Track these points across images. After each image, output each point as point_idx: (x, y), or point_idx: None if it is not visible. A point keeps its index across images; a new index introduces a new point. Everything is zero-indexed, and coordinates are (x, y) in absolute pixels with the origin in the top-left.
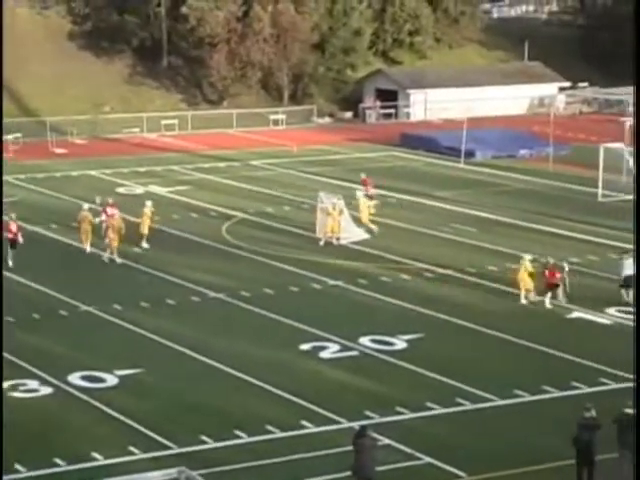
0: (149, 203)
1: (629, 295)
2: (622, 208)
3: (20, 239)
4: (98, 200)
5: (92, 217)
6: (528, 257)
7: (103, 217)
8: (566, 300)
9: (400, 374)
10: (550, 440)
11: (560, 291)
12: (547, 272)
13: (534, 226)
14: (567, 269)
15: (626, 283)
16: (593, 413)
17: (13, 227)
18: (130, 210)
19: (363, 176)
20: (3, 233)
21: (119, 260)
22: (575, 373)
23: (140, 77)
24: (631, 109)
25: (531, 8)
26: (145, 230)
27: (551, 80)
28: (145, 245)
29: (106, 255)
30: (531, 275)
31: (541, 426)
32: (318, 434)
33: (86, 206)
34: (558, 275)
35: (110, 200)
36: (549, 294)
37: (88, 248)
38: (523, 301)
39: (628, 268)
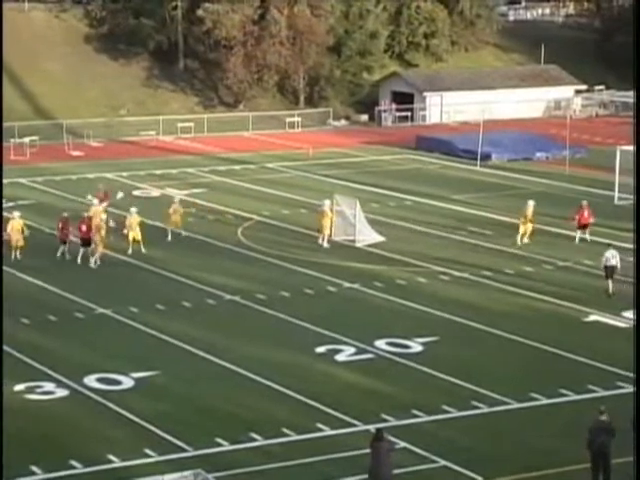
0: (133, 209)
1: (611, 285)
2: None
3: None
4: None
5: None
6: (532, 202)
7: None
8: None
9: (416, 377)
10: (566, 444)
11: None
12: (583, 213)
13: (550, 229)
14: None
15: (606, 274)
16: (606, 417)
17: (83, 227)
18: (145, 213)
19: (100, 186)
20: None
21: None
22: (591, 376)
23: (156, 80)
24: None
25: (547, 11)
26: (130, 237)
27: (567, 83)
28: (130, 251)
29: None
30: (531, 221)
31: (557, 429)
32: (334, 437)
33: (96, 201)
34: (588, 216)
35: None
36: (579, 231)
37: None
38: (518, 242)
39: (608, 260)
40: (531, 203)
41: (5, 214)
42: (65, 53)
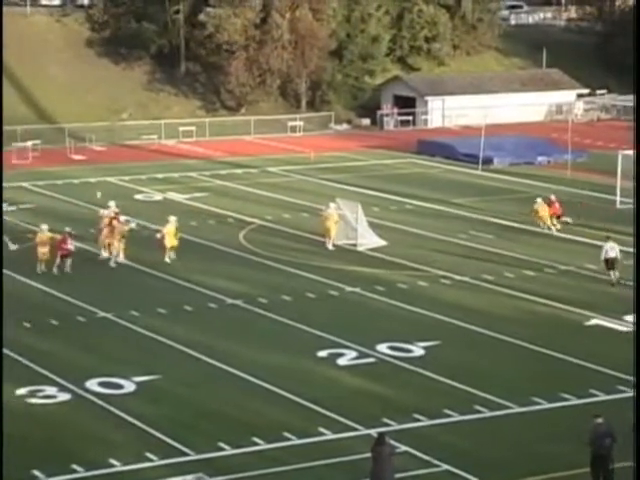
0: (173, 218)
1: (615, 275)
2: None
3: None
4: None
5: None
6: (539, 199)
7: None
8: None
9: (417, 381)
10: (568, 448)
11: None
12: (550, 205)
13: (552, 233)
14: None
15: (608, 266)
16: (603, 419)
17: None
18: (148, 216)
19: None
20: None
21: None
22: (593, 380)
23: (158, 84)
24: None
25: (549, 15)
26: (167, 244)
27: (569, 87)
28: (167, 259)
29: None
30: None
31: (559, 434)
32: (335, 441)
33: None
34: (557, 206)
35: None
36: (564, 219)
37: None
38: (547, 230)
39: (607, 252)
40: (539, 200)
41: (33, 227)
42: (67, 57)
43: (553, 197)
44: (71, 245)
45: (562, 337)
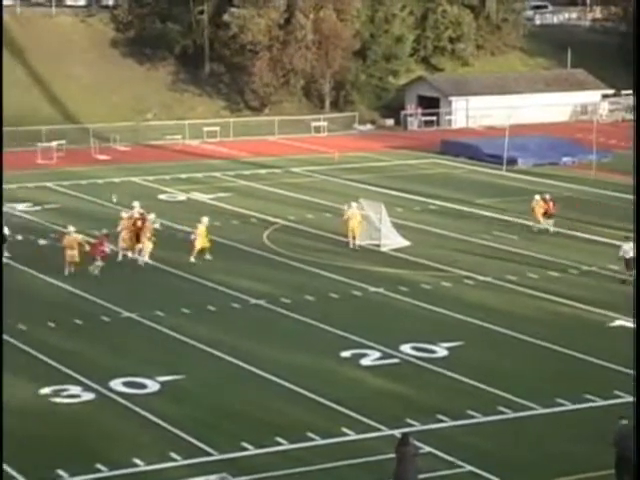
0: (205, 219)
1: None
2: None
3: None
4: (137, 206)
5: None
6: (537, 196)
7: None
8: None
9: (441, 382)
10: (591, 449)
11: (550, 220)
12: (544, 205)
13: (576, 234)
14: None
15: (626, 265)
16: (628, 421)
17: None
18: (172, 217)
19: None
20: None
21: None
22: (617, 381)
23: (182, 84)
24: None
25: (574, 15)
26: (198, 245)
27: (594, 87)
28: (192, 259)
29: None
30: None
31: (583, 435)
32: (359, 441)
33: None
34: (551, 205)
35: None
36: (548, 221)
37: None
38: (539, 226)
39: (627, 252)
40: (537, 197)
41: (60, 228)
42: (92, 58)
43: (548, 196)
44: (107, 248)
45: (585, 338)
